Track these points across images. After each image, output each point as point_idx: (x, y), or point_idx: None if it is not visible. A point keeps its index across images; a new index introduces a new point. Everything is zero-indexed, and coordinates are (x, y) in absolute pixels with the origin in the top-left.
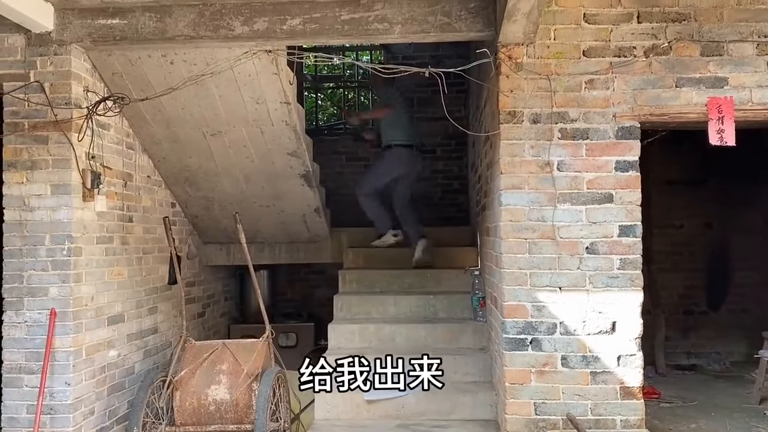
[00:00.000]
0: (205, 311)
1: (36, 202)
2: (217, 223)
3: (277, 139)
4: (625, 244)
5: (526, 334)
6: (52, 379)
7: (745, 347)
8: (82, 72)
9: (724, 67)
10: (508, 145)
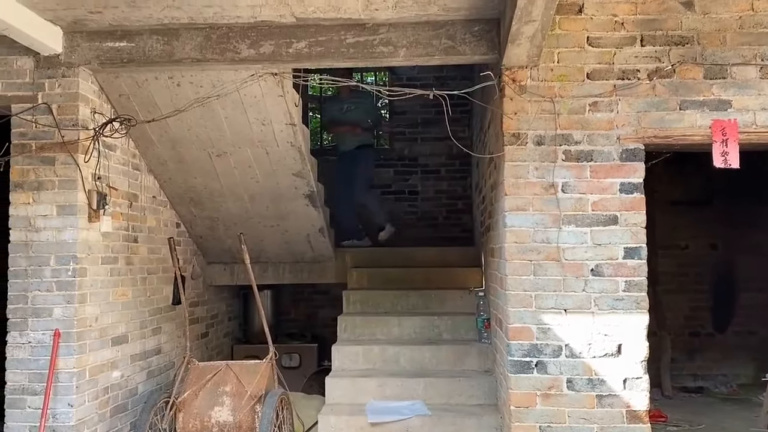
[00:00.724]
0: (208, 331)
1: (42, 223)
2: (222, 243)
3: (282, 159)
4: (630, 266)
5: (532, 356)
6: (55, 401)
7: (753, 369)
8: (89, 94)
9: (728, 89)
10: (513, 167)
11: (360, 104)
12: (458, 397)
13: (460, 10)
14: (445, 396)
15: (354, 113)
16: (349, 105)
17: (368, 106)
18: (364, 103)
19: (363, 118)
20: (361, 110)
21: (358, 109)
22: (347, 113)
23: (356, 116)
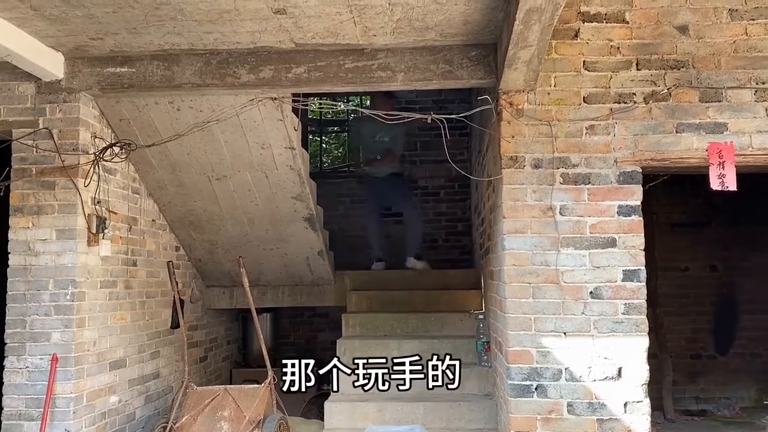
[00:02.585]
0: (207, 355)
1: (41, 247)
2: (221, 267)
3: (281, 183)
4: (629, 289)
5: (532, 380)
6: (52, 426)
7: (756, 392)
8: (90, 119)
9: (724, 112)
10: (511, 190)
11: (394, 131)
12: (458, 422)
13: (457, 35)
14: (444, 420)
15: (388, 142)
16: (383, 134)
17: (400, 133)
18: (397, 131)
19: (396, 147)
20: (395, 138)
21: (391, 137)
22: (382, 142)
23: (390, 145)
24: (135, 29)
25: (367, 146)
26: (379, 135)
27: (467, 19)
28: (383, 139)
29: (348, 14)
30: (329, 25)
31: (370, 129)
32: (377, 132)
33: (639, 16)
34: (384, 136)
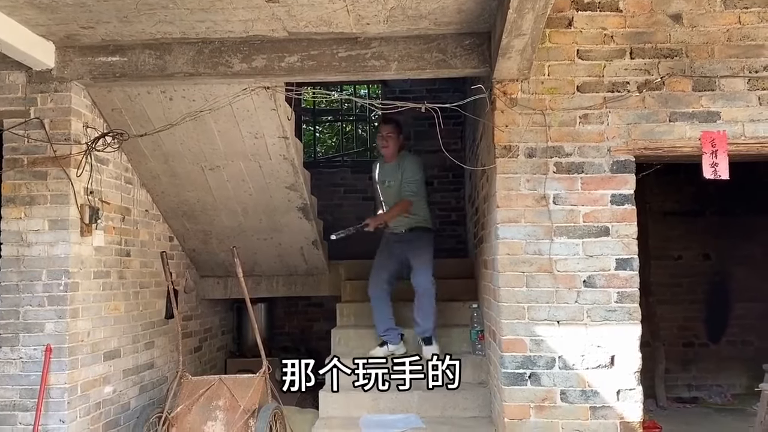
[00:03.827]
0: (201, 345)
1: (34, 238)
2: (215, 257)
3: (275, 173)
4: (622, 277)
5: (525, 368)
6: (47, 417)
7: (747, 379)
8: (81, 108)
9: (717, 101)
10: (504, 179)
11: (400, 167)
12: (452, 410)
13: (450, 24)
14: (439, 408)
15: (399, 187)
16: (388, 179)
17: (413, 169)
18: (408, 168)
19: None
20: (407, 179)
21: (401, 178)
22: (389, 188)
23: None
24: (126, 18)
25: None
26: (388, 181)
27: (461, 8)
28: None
29: (341, 2)
30: (322, 13)
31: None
32: (385, 176)
33: (632, 5)
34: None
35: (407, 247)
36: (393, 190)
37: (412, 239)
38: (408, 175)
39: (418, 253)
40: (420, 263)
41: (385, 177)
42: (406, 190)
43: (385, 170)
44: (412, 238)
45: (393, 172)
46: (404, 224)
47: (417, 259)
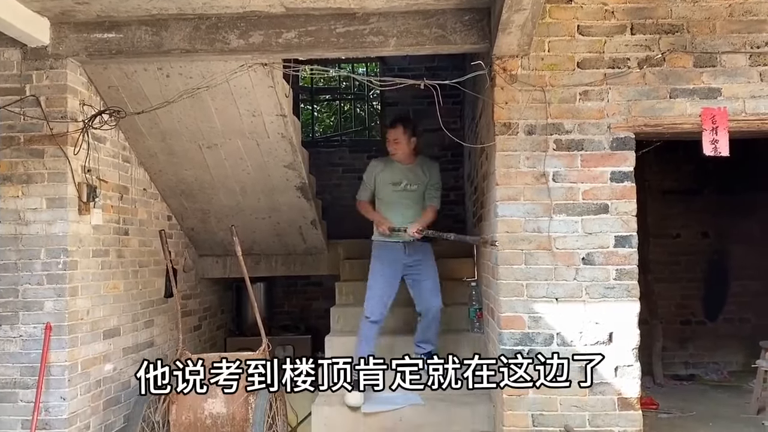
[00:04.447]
0: (201, 324)
1: (31, 216)
2: (214, 236)
3: (273, 151)
4: (621, 255)
5: (523, 345)
6: (48, 394)
7: (744, 357)
8: (77, 86)
9: (718, 78)
10: (504, 157)
11: (425, 172)
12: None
13: None
14: None
15: (422, 191)
16: (408, 182)
17: (439, 175)
18: (435, 173)
19: (438, 197)
20: (434, 184)
21: (427, 183)
22: (407, 191)
23: (427, 195)
24: None
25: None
26: (404, 182)
27: None
28: (409, 187)
29: None
30: None
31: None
32: (400, 178)
33: None
34: (410, 185)
35: (416, 261)
36: (415, 193)
37: (422, 252)
38: (434, 180)
39: (429, 269)
40: (432, 281)
41: (402, 178)
42: (433, 196)
43: (400, 171)
44: (421, 251)
45: (414, 174)
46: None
47: (428, 277)
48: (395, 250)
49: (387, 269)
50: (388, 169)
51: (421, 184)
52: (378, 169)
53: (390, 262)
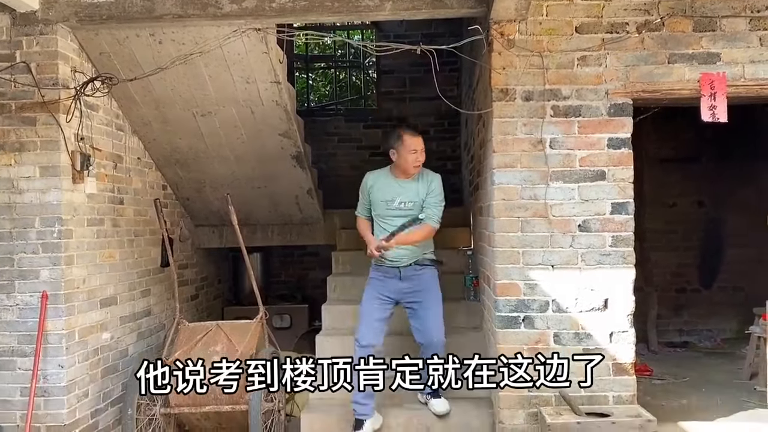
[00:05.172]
0: (198, 294)
1: (25, 185)
2: (209, 205)
3: (267, 119)
4: (617, 222)
5: (519, 312)
6: (46, 362)
7: (737, 324)
8: (68, 52)
9: (717, 42)
10: (501, 123)
11: (430, 189)
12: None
13: None
14: None
15: (414, 210)
16: (402, 200)
17: (440, 190)
18: (435, 187)
19: (438, 216)
20: (433, 201)
21: (425, 198)
22: (402, 209)
23: (425, 213)
24: None
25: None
26: (399, 200)
27: None
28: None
29: None
30: None
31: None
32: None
33: None
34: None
35: (412, 288)
36: (412, 212)
37: (421, 279)
38: (434, 196)
39: (429, 299)
40: (433, 312)
41: (397, 195)
42: (431, 214)
43: (396, 187)
44: (421, 278)
45: (411, 189)
46: (409, 256)
47: (428, 307)
48: (388, 274)
49: (378, 294)
50: (381, 185)
51: (418, 201)
52: (369, 184)
53: (382, 287)
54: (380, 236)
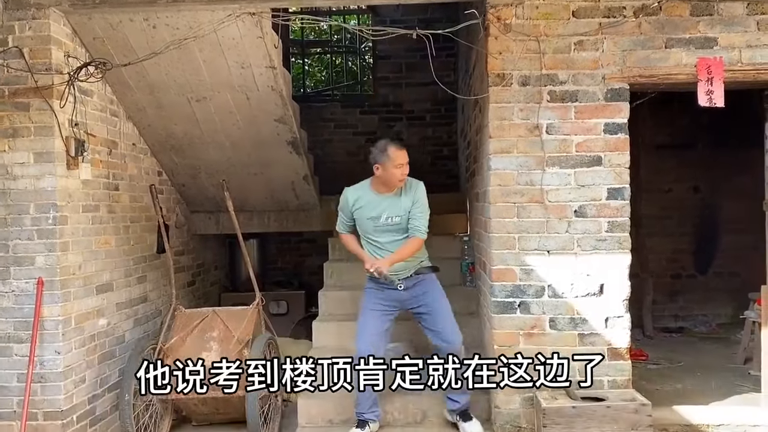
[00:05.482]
0: (195, 280)
1: (19, 171)
2: (205, 192)
3: (263, 104)
4: (613, 207)
5: (515, 297)
6: (42, 348)
7: (732, 309)
8: (61, 37)
9: (714, 27)
10: (497, 109)
11: (414, 200)
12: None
13: None
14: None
15: (402, 222)
16: (388, 214)
17: (424, 199)
18: (420, 198)
19: (424, 227)
20: (418, 212)
21: (410, 211)
22: (389, 224)
23: (410, 226)
24: None
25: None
26: (385, 215)
27: None
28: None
29: None
30: None
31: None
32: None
33: None
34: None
35: (416, 295)
36: (399, 226)
37: (423, 284)
38: (419, 207)
39: (435, 300)
40: (443, 313)
41: (383, 211)
42: (418, 225)
43: (379, 203)
44: (422, 284)
45: (395, 204)
46: (405, 267)
47: (437, 308)
48: (388, 286)
49: (378, 303)
50: (365, 202)
51: (404, 213)
52: (351, 203)
53: (380, 299)
54: (371, 253)
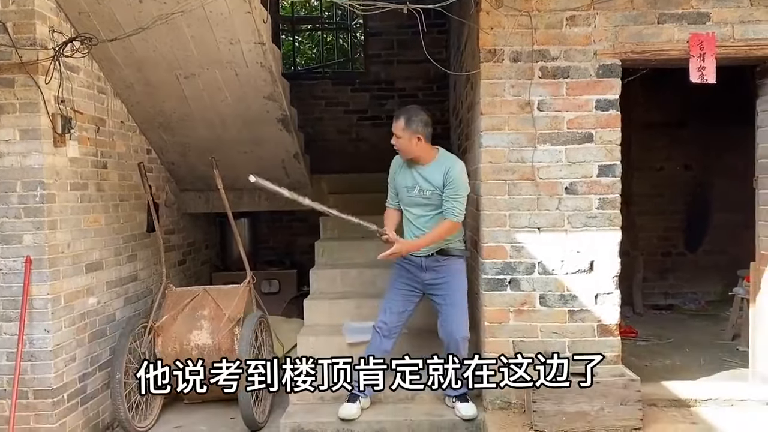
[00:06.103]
0: (186, 259)
1: (5, 148)
2: (195, 170)
3: (252, 81)
4: (604, 184)
5: (505, 274)
6: (31, 327)
7: (722, 287)
8: (46, 11)
9: (707, 1)
10: (489, 85)
11: (450, 178)
12: (433, 317)
13: None
14: (421, 318)
15: (433, 198)
16: (424, 188)
17: (463, 180)
18: (458, 177)
19: (460, 210)
20: (453, 193)
21: (444, 189)
22: (421, 197)
23: (444, 205)
24: None
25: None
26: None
27: None
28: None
29: None
30: None
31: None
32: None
33: None
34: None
35: (436, 280)
36: (430, 201)
37: (444, 271)
38: (456, 187)
39: (454, 292)
40: (456, 307)
41: (417, 182)
42: (453, 208)
43: (415, 173)
44: (444, 270)
45: (431, 176)
46: (431, 246)
47: (451, 301)
48: (412, 263)
49: (404, 283)
50: (403, 169)
51: (437, 190)
52: (394, 170)
53: (404, 275)
54: (407, 229)
